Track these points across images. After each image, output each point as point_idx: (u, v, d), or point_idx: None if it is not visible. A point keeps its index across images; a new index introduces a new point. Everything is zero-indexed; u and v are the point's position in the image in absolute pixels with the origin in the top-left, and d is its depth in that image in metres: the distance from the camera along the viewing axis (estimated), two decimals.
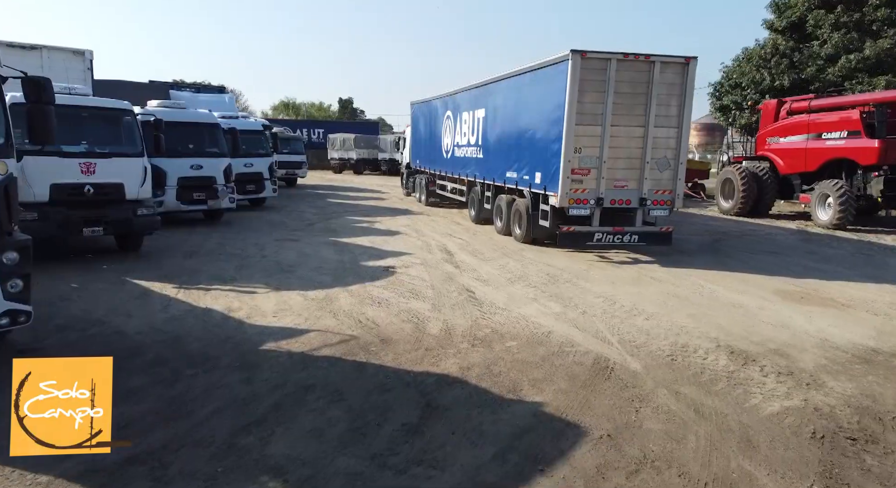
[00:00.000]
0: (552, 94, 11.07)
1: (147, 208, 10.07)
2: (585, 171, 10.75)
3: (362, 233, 13.63)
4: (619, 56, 10.51)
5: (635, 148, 10.87)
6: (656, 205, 11.16)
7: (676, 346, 6.32)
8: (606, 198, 10.89)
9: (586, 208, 10.90)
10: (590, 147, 10.70)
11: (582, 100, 10.47)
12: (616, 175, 10.90)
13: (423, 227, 14.86)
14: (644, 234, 11.29)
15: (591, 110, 10.57)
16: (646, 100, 10.69)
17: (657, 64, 10.61)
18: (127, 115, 10.09)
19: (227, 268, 9.56)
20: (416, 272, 9.56)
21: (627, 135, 10.82)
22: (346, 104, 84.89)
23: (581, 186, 10.77)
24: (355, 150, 41.47)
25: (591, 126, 10.64)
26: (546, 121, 11.39)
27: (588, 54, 10.40)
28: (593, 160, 10.74)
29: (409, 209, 19.27)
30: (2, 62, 11.24)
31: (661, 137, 10.89)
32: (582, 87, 10.41)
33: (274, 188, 18.61)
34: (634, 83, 10.65)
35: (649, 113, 10.72)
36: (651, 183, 11.02)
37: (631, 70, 10.59)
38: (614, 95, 10.55)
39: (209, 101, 19.19)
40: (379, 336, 6.38)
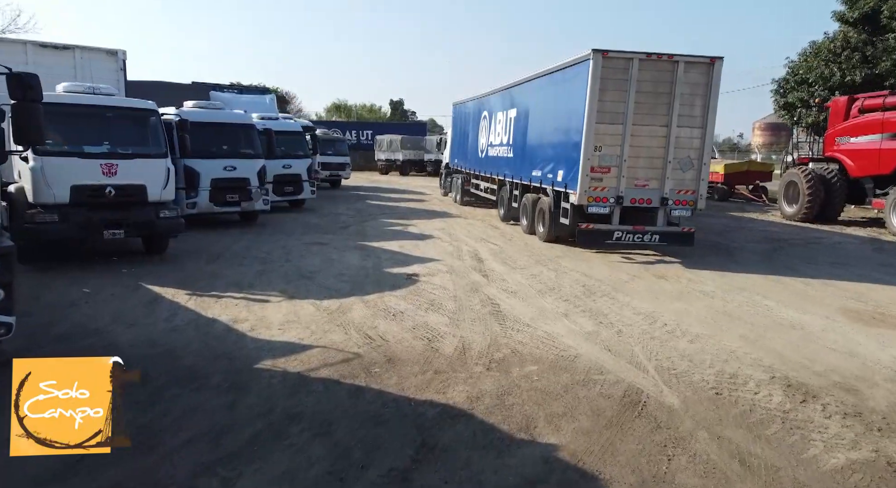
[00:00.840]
0: (574, 93, 11.16)
1: (170, 210, 9.85)
2: (605, 170, 10.80)
3: (393, 237, 13.15)
4: (641, 55, 10.50)
5: (657, 147, 10.84)
6: (678, 204, 11.09)
7: (723, 376, 5.52)
8: (627, 196, 10.91)
9: (606, 206, 10.97)
10: (610, 146, 10.73)
11: (603, 98, 10.53)
12: (637, 174, 10.89)
13: (458, 231, 14.27)
14: (665, 234, 11.18)
15: (612, 109, 10.61)
16: (669, 99, 10.67)
17: (681, 64, 10.57)
18: (151, 115, 9.89)
19: (246, 274, 9.22)
20: (441, 281, 8.97)
21: (649, 134, 10.79)
22: (396, 105, 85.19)
23: (601, 185, 10.85)
24: (401, 151, 41.24)
25: (612, 125, 10.67)
26: (568, 119, 11.50)
27: (610, 54, 10.45)
28: (613, 159, 10.76)
29: (447, 211, 18.71)
30: (35, 63, 11.43)
31: (684, 137, 10.83)
32: (603, 85, 10.48)
33: (312, 190, 18.38)
34: (657, 82, 10.64)
35: (672, 112, 10.68)
36: (673, 182, 10.96)
37: (654, 69, 10.59)
38: (636, 95, 10.55)
39: (249, 102, 19.17)
40: (386, 354, 5.82)
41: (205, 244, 11.80)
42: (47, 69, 10.96)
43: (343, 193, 24.99)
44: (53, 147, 8.94)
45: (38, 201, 8.73)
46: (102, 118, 9.50)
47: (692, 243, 11.29)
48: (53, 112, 8.99)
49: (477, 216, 17.64)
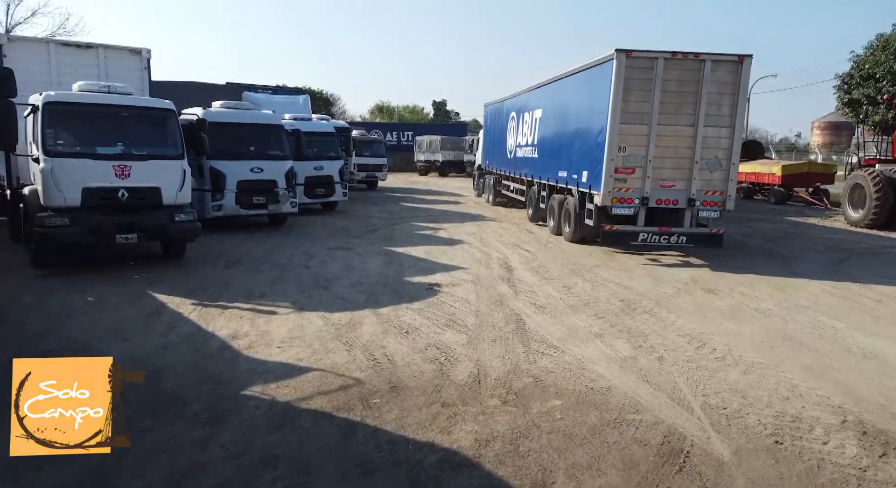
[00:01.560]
0: (598, 93, 11.04)
1: (186, 214, 9.46)
2: (630, 170, 10.63)
3: (421, 242, 12.51)
4: (666, 54, 10.36)
5: (684, 147, 10.64)
6: (706, 205, 10.83)
7: (784, 419, 4.64)
8: (652, 197, 10.73)
9: (630, 207, 10.79)
10: (635, 146, 10.56)
11: (627, 98, 10.39)
12: (663, 174, 10.71)
13: (489, 236, 13.53)
14: (692, 236, 10.93)
15: (636, 109, 10.45)
16: (695, 99, 10.47)
17: (708, 62, 10.36)
18: (168, 115, 9.52)
19: (261, 282, 8.73)
20: (463, 292, 8.27)
21: (675, 134, 10.60)
22: (439, 106, 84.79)
23: (625, 185, 10.68)
24: (441, 152, 40.68)
25: (636, 125, 10.50)
26: (592, 120, 11.38)
27: (633, 53, 10.32)
28: (638, 159, 10.59)
29: (481, 214, 17.98)
30: (58, 62, 11.28)
31: (711, 137, 10.62)
32: (627, 85, 10.35)
33: (344, 192, 17.92)
34: (683, 82, 10.46)
35: (699, 112, 10.49)
36: (701, 183, 10.74)
37: (679, 68, 10.41)
38: (661, 94, 10.40)
39: (282, 103, 18.89)
40: (390, 381, 5.17)
41: (227, 247, 11.42)
42: (70, 68, 10.87)
43: (378, 195, 24.55)
44: (65, 148, 8.67)
45: (49, 204, 8.44)
46: (117, 118, 9.18)
47: (721, 245, 10.99)
48: (66, 112, 8.80)
49: (512, 219, 16.85)
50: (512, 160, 17.71)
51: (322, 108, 63.62)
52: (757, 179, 24.80)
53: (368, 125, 54.53)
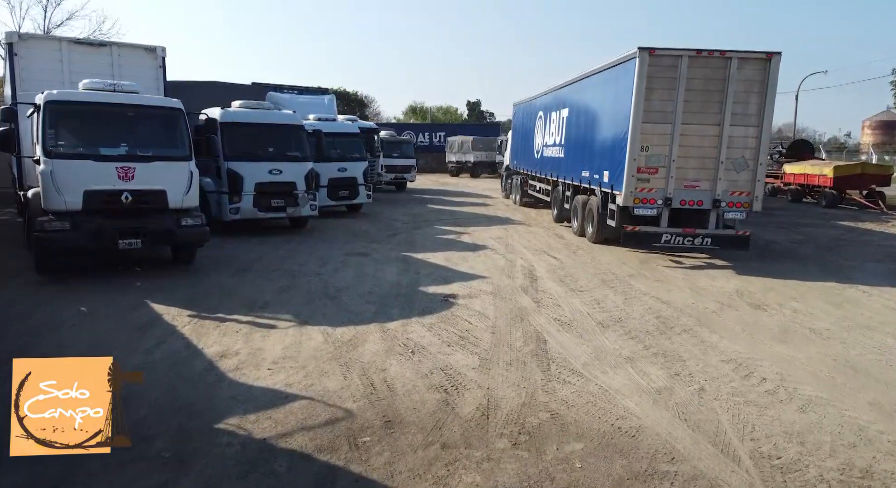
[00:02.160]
0: (620, 92, 10.89)
1: (193, 218, 9.01)
2: (653, 170, 10.42)
3: (442, 248, 11.86)
4: (691, 52, 10.16)
5: (709, 147, 10.39)
6: (732, 206, 10.58)
7: (852, 474, 3.84)
8: (676, 198, 10.51)
9: (653, 208, 10.59)
10: (658, 146, 10.34)
11: (650, 97, 10.18)
12: (687, 175, 10.47)
13: (516, 241, 12.79)
14: (718, 237, 10.64)
15: (660, 108, 10.24)
16: (721, 97, 10.22)
17: (734, 60, 10.10)
18: (175, 115, 9.10)
19: (267, 291, 8.22)
20: (481, 305, 7.59)
21: (700, 133, 10.36)
22: (473, 107, 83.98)
23: (648, 186, 10.46)
24: (473, 153, 40.00)
25: (659, 124, 10.28)
26: (614, 119, 11.26)
27: (656, 51, 10.13)
28: (661, 159, 10.38)
29: (510, 217, 17.23)
30: (70, 61, 11.00)
31: (738, 136, 10.35)
32: (650, 84, 10.15)
33: (369, 194, 17.39)
34: (709, 80, 10.22)
35: (725, 111, 10.23)
36: (726, 184, 10.48)
37: (705, 67, 10.19)
38: (686, 93, 10.17)
39: (307, 103, 18.48)
40: (385, 414, 4.53)
41: (240, 252, 10.99)
42: (83, 67, 10.56)
43: (406, 197, 24.00)
44: (67, 149, 8.30)
45: (49, 207, 8.08)
46: (122, 118, 8.78)
47: (748, 247, 10.70)
48: (68, 111, 8.43)
49: (541, 222, 16.06)
50: (539, 160, 17.49)
51: (357, 110, 63.90)
52: (806, 181, 23.39)
53: (400, 126, 54.28)
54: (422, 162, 47.40)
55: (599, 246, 12.36)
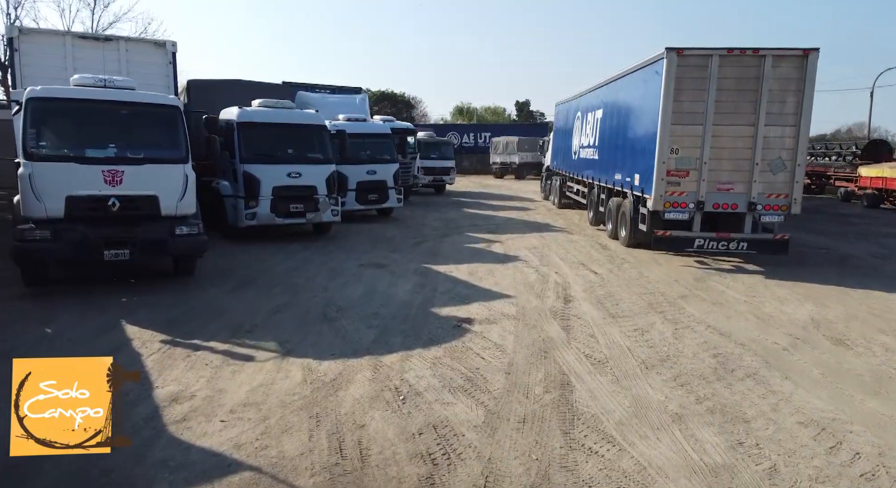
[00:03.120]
0: (649, 93, 10.71)
1: (189, 226, 8.20)
2: (683, 173, 10.16)
3: (469, 258, 10.74)
4: (721, 51, 9.90)
5: (743, 148, 10.05)
6: (769, 209, 10.20)
7: None
8: (708, 201, 10.21)
9: (685, 212, 10.30)
10: (688, 148, 10.08)
11: (679, 98, 9.94)
12: (720, 177, 10.16)
13: (552, 251, 11.54)
14: (755, 242, 10.29)
15: (690, 109, 9.98)
16: (755, 97, 9.89)
17: (768, 58, 9.78)
18: (171, 113, 8.30)
19: (260, 311, 7.30)
20: (500, 334, 6.44)
21: (733, 134, 10.05)
22: (522, 107, 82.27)
23: (678, 189, 10.20)
24: (518, 154, 38.66)
25: (690, 126, 10.02)
26: (643, 121, 11.08)
27: (685, 51, 9.92)
28: (692, 161, 10.11)
29: (549, 224, 15.93)
30: (74, 56, 10.43)
31: (774, 137, 10.00)
32: (679, 85, 9.92)
33: (399, 197, 16.42)
34: (741, 79, 9.92)
35: (759, 111, 9.89)
36: (762, 186, 10.11)
37: (737, 65, 9.91)
38: (717, 93, 9.91)
39: (337, 103, 17.68)
40: None
41: (249, 262, 10.17)
42: (88, 63, 10.00)
43: (443, 200, 22.95)
44: (50, 150, 7.60)
45: (28, 215, 7.38)
46: (113, 116, 8.04)
47: (787, 252, 10.36)
48: (53, 109, 7.74)
49: (583, 230, 14.71)
50: (576, 161, 17.20)
51: (404, 112, 63.43)
52: (884, 185, 21.17)
53: (444, 127, 53.50)
54: (465, 163, 46.59)
55: (647, 259, 11.00)
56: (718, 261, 11.03)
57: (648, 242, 11.08)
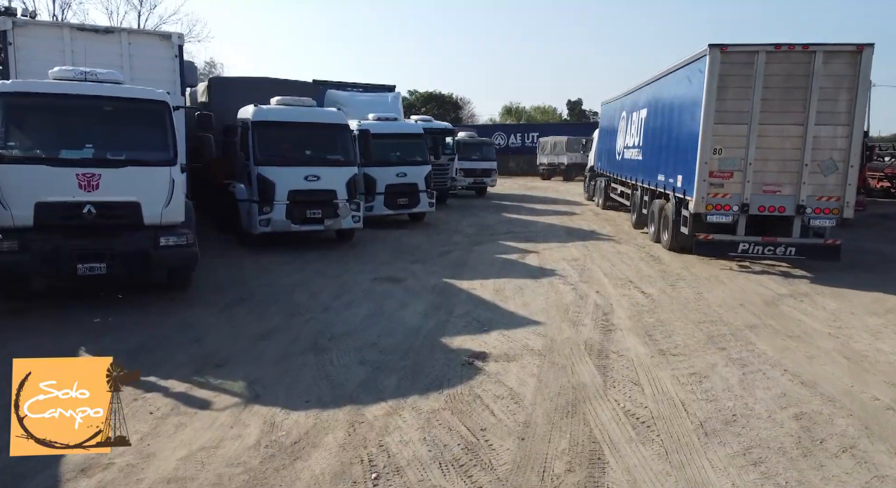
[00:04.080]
0: (692, 92, 10.40)
1: (177, 236, 7.28)
2: (727, 175, 9.81)
3: (498, 272, 9.49)
4: (768, 48, 9.52)
5: (791, 148, 9.66)
6: (819, 213, 9.77)
7: None
8: (754, 204, 9.83)
9: (728, 215, 9.93)
10: (732, 148, 9.71)
11: (723, 97, 9.62)
12: (766, 179, 9.78)
13: (596, 265, 10.15)
14: (803, 247, 9.85)
15: (734, 108, 9.63)
16: (805, 95, 9.48)
17: (819, 54, 9.38)
18: (159, 109, 7.39)
19: (241, 337, 6.28)
20: (518, 376, 5.19)
21: (780, 134, 9.65)
22: (574, 106, 79.93)
23: (722, 191, 9.84)
24: (566, 154, 37.00)
25: (734, 125, 9.67)
26: (685, 120, 10.74)
27: (729, 48, 9.57)
28: (737, 162, 9.74)
29: (595, 232, 14.49)
30: (73, 50, 9.72)
31: (825, 136, 9.56)
32: (723, 83, 9.60)
33: (431, 202, 15.29)
34: (790, 77, 9.53)
35: (809, 109, 9.48)
36: (812, 188, 9.69)
37: (785, 62, 9.55)
38: (763, 91, 9.53)
39: (368, 101, 16.71)
40: None
41: (255, 273, 9.26)
42: (88, 57, 9.21)
43: (482, 203, 21.70)
44: (19, 151, 6.80)
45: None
46: (94, 113, 7.18)
47: (838, 258, 9.86)
48: (26, 105, 6.94)
49: (634, 240, 13.22)
50: (620, 162, 16.60)
51: (451, 112, 62.42)
52: None
53: (490, 127, 52.28)
54: (511, 164, 45.17)
55: (707, 276, 9.52)
56: (794, 280, 9.44)
57: (689, 246, 10.62)
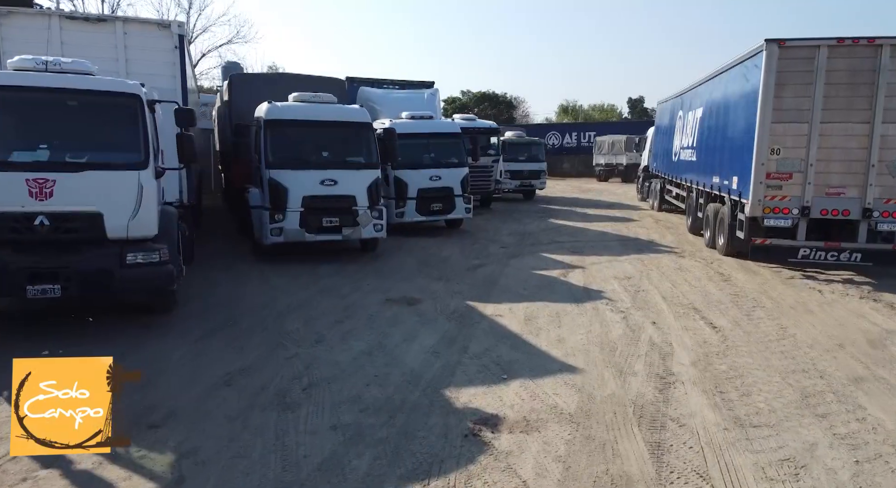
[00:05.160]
0: (748, 89, 10.02)
1: (147, 252, 6.21)
2: (785, 176, 9.33)
3: (533, 294, 8.01)
4: (831, 42, 9.01)
5: (856, 148, 9.10)
6: (887, 216, 9.19)
7: None
8: (815, 207, 9.31)
9: (787, 218, 9.46)
10: (792, 148, 9.23)
11: (781, 94, 9.14)
12: (829, 180, 9.24)
13: (653, 285, 8.53)
14: (870, 253, 9.24)
15: (793, 106, 9.14)
16: (871, 91, 8.93)
17: (886, 47, 8.80)
18: (128, 104, 6.34)
19: (200, 382, 5.11)
20: (537, 459, 3.75)
21: (845, 132, 9.09)
22: (635, 104, 76.62)
23: (780, 193, 9.38)
24: (625, 154, 34.79)
25: (793, 124, 9.17)
26: (741, 120, 10.34)
27: (787, 43, 9.13)
28: (796, 163, 9.26)
29: (655, 242, 12.76)
30: (62, 40, 8.85)
31: (893, 135, 8.93)
32: (780, 79, 9.12)
33: (468, 207, 13.91)
34: (854, 72, 9.02)
35: (876, 106, 8.91)
36: (880, 190, 9.13)
37: (849, 57, 9.02)
38: (825, 88, 9.01)
39: (401, 99, 15.53)
40: None
41: (254, 291, 8.18)
42: (80, 49, 8.40)
43: (529, 208, 20.14)
44: None
45: None
46: (55, 108, 6.21)
47: None
48: None
49: (700, 253, 11.42)
50: (676, 163, 15.94)
51: (504, 112, 60.78)
52: None
53: (544, 126, 50.46)
54: (566, 165, 43.25)
55: (791, 301, 7.79)
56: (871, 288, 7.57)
57: (746, 251, 10.02)
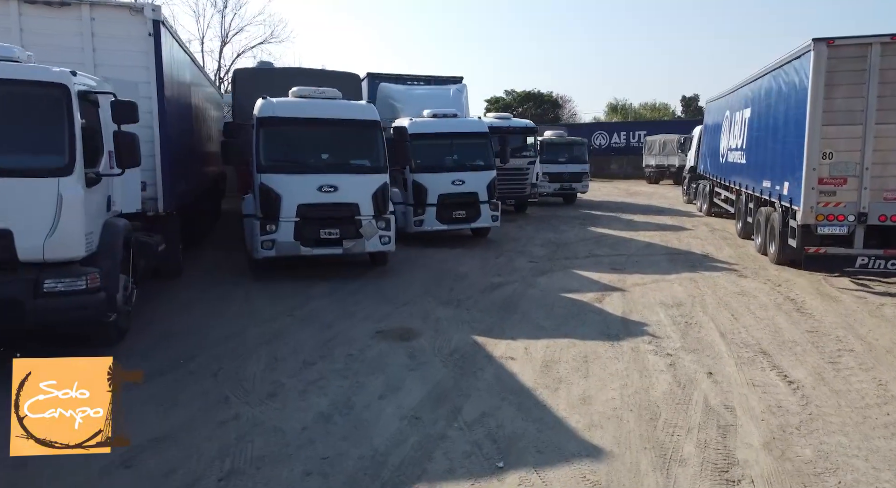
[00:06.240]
0: (796, 90, 9.62)
1: (72, 278, 5.06)
2: (839, 181, 8.93)
3: (557, 327, 6.49)
4: (884, 39, 8.64)
5: None
6: None
7: None
8: (873, 213, 8.92)
9: (842, 225, 9.02)
10: (845, 151, 8.85)
11: (831, 95, 8.79)
12: (887, 184, 8.87)
13: (708, 314, 6.88)
14: None
15: (845, 107, 8.81)
16: None
17: None
18: (51, 97, 5.20)
19: (84, 465, 3.86)
20: None
21: None
22: (689, 102, 73.21)
23: (833, 199, 8.98)
24: (678, 155, 32.39)
25: (846, 126, 8.83)
26: (790, 122, 9.86)
27: (836, 41, 8.80)
28: (851, 167, 8.87)
29: (710, 256, 11.02)
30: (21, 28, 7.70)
31: None
32: (830, 80, 8.78)
33: (495, 215, 12.46)
34: None
35: None
36: None
37: None
38: (880, 87, 8.65)
39: (425, 95, 14.18)
40: None
41: (227, 318, 6.95)
42: (42, 38, 7.53)
43: (569, 213, 18.45)
44: None
45: None
46: None
47: None
48: None
49: (765, 271, 9.64)
50: (724, 165, 15.37)
51: (550, 112, 58.85)
52: None
53: (590, 126, 48.44)
54: (613, 166, 41.15)
55: (888, 345, 6.05)
56: None
57: (799, 260, 9.52)
